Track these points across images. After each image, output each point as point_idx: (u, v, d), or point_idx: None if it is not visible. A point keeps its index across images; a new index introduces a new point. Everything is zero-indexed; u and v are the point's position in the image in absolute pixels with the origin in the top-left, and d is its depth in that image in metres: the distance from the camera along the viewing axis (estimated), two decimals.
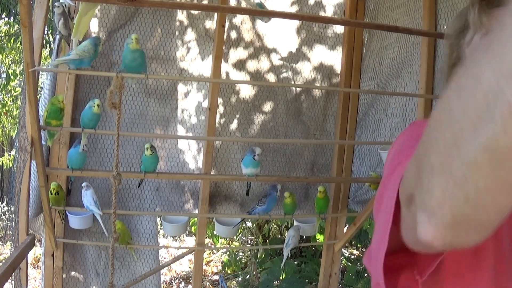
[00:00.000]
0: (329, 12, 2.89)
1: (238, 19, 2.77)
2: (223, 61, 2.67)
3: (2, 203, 6.88)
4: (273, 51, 2.85)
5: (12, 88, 6.80)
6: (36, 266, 4.96)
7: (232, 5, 2.69)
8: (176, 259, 3.05)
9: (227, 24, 2.66)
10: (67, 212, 2.46)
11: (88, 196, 2.34)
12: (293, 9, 2.83)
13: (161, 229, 3.92)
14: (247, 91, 2.83)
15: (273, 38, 2.83)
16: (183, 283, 4.94)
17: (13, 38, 6.06)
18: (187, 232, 5.03)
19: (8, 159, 6.83)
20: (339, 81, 2.92)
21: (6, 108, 6.84)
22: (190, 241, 5.73)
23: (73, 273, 2.67)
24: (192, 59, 2.73)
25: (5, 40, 6.35)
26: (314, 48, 2.91)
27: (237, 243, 5.16)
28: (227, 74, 2.79)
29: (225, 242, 4.97)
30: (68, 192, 2.51)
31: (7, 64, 6.76)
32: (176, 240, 5.83)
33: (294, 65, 2.89)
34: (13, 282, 2.42)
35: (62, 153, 2.47)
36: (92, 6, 1.99)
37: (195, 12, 2.70)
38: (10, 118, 7.10)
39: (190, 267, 5.11)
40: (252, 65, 2.83)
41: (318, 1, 2.86)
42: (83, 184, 2.36)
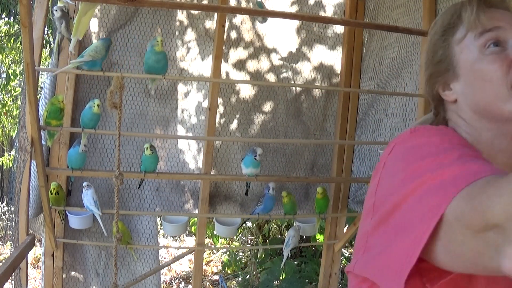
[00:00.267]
0: (329, 12, 2.89)
1: (238, 19, 2.77)
2: (223, 61, 2.67)
3: (2, 203, 6.87)
4: (273, 51, 2.86)
5: (12, 88, 6.80)
6: (36, 266, 4.96)
7: (232, 5, 2.69)
8: (176, 259, 3.05)
9: (227, 24, 2.66)
10: (67, 212, 2.46)
11: (88, 196, 2.34)
12: (293, 9, 2.83)
13: (161, 229, 3.92)
14: (247, 91, 2.83)
15: (273, 38, 2.84)
16: (183, 283, 4.94)
17: (13, 38, 6.06)
18: (187, 232, 5.03)
19: (8, 159, 6.82)
20: (339, 81, 2.92)
21: (6, 108, 6.84)
22: (190, 241, 5.73)
23: (73, 273, 2.67)
24: (192, 59, 2.73)
25: (5, 40, 6.35)
26: (314, 48, 2.91)
27: (237, 243, 5.16)
28: (227, 74, 2.79)
29: (225, 242, 4.97)
30: (68, 192, 2.51)
31: (7, 64, 6.76)
32: (176, 240, 5.83)
33: (294, 65, 2.89)
34: (13, 282, 2.42)
35: (62, 153, 2.47)
36: (91, 6, 1.99)
37: (195, 12, 2.70)
38: (10, 118, 7.10)
39: (190, 267, 5.11)
40: (252, 65, 2.83)
41: (318, 1, 2.86)
42: (84, 183, 2.37)
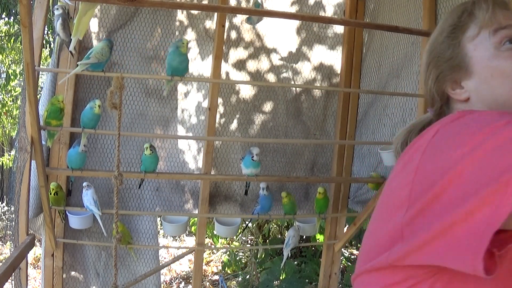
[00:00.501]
0: (329, 12, 2.89)
1: (238, 19, 2.77)
2: (223, 61, 2.67)
3: (2, 203, 6.87)
4: (273, 51, 2.86)
5: (12, 88, 6.80)
6: (36, 266, 4.96)
7: (232, 5, 2.69)
8: (176, 259, 3.05)
9: (227, 24, 2.66)
10: (67, 212, 2.46)
11: (88, 196, 2.34)
12: (293, 9, 2.83)
13: (161, 229, 3.92)
14: (247, 91, 2.83)
15: (273, 38, 2.84)
16: (183, 283, 4.94)
17: (13, 38, 6.06)
18: (187, 232, 5.03)
19: (8, 159, 6.83)
20: (339, 81, 2.92)
21: (6, 108, 6.84)
22: (190, 241, 5.73)
23: (73, 273, 2.67)
24: (192, 59, 2.73)
25: (5, 40, 6.35)
26: (314, 48, 2.91)
27: (237, 243, 5.16)
28: (227, 74, 2.79)
29: (225, 242, 4.97)
30: (68, 192, 2.51)
31: (7, 64, 6.76)
32: (176, 240, 5.83)
33: (294, 65, 2.89)
34: (13, 282, 2.42)
35: (62, 153, 2.47)
36: (91, 5, 1.99)
37: (195, 12, 2.70)
38: (10, 118, 7.10)
39: (190, 267, 5.11)
40: (252, 65, 2.83)
41: (318, 1, 2.86)
42: (84, 184, 2.37)
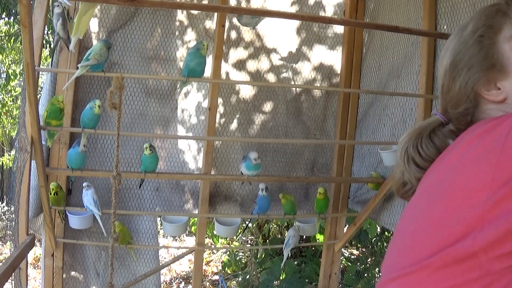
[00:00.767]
0: (329, 12, 2.89)
1: None
2: (223, 61, 2.67)
3: (2, 203, 6.87)
4: (273, 51, 2.86)
5: (12, 88, 6.80)
6: (36, 266, 4.96)
7: (232, 5, 2.69)
8: (176, 259, 3.05)
9: (227, 24, 2.66)
10: (67, 212, 2.46)
11: (88, 196, 2.34)
12: (293, 9, 2.83)
13: (161, 229, 3.92)
14: (247, 91, 2.83)
15: (273, 38, 2.83)
16: (183, 283, 4.94)
17: (13, 38, 6.06)
18: (187, 232, 5.03)
19: (8, 159, 6.82)
20: (339, 81, 2.92)
21: (6, 108, 6.84)
22: (190, 241, 5.73)
23: (73, 273, 2.67)
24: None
25: (5, 40, 6.35)
26: (314, 48, 2.91)
27: (237, 243, 5.16)
28: (227, 74, 2.79)
29: (225, 242, 4.97)
30: (69, 192, 2.51)
31: (7, 64, 6.75)
32: (176, 240, 5.83)
33: (294, 65, 2.89)
34: (13, 282, 2.42)
35: (62, 153, 2.47)
36: (91, 5, 1.99)
37: (195, 12, 2.70)
38: (10, 118, 7.10)
39: (190, 267, 5.11)
40: (252, 65, 2.83)
41: (318, 1, 2.86)
42: (84, 184, 2.37)
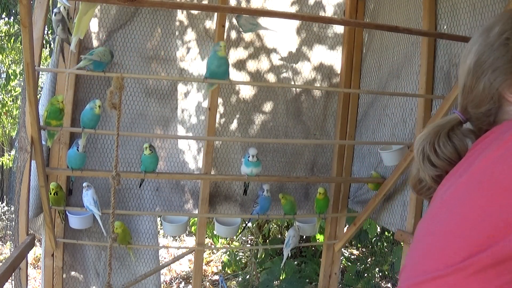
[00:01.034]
0: (329, 12, 2.89)
1: None
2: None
3: (2, 203, 6.87)
4: (273, 51, 2.86)
5: (12, 88, 6.80)
6: (36, 266, 4.96)
7: (232, 5, 2.69)
8: (176, 259, 3.05)
9: (227, 24, 2.66)
10: (67, 212, 2.46)
11: (88, 196, 2.34)
12: (293, 9, 2.83)
13: (161, 229, 3.92)
14: (247, 91, 2.83)
15: (273, 38, 2.84)
16: (183, 283, 4.94)
17: (13, 38, 6.06)
18: (187, 232, 5.03)
19: (8, 159, 6.82)
20: (339, 81, 2.92)
21: (6, 108, 6.84)
22: (190, 241, 5.73)
23: (73, 273, 2.67)
24: (192, 59, 2.74)
25: (5, 40, 6.35)
26: (314, 48, 2.91)
27: (237, 243, 5.16)
28: None
29: (225, 242, 4.97)
30: (69, 192, 2.51)
31: (7, 64, 6.75)
32: (176, 240, 5.83)
33: (294, 65, 2.89)
34: (13, 282, 2.42)
35: (62, 153, 2.47)
36: (92, 5, 2.00)
37: (195, 12, 2.70)
38: (10, 118, 7.10)
39: (190, 267, 5.11)
40: (252, 65, 2.83)
41: (318, 1, 2.86)
42: (84, 184, 2.37)
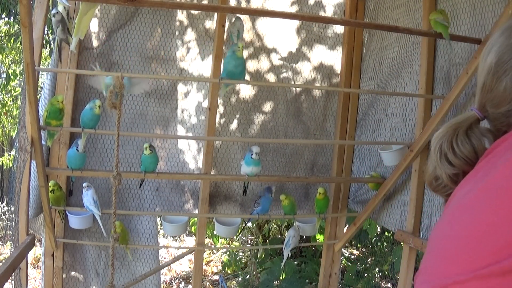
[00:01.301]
0: (329, 12, 2.89)
1: None
2: (223, 61, 2.66)
3: (2, 203, 6.87)
4: (273, 51, 2.86)
5: (12, 88, 6.80)
6: (36, 266, 4.96)
7: (232, 5, 2.69)
8: (176, 259, 3.05)
9: (227, 24, 2.66)
10: (67, 212, 2.46)
11: (88, 196, 2.34)
12: (293, 9, 2.83)
13: (161, 229, 3.92)
14: (247, 91, 2.83)
15: (273, 38, 2.83)
16: (183, 283, 4.94)
17: (13, 38, 6.06)
18: (187, 232, 5.03)
19: (8, 159, 6.82)
20: (339, 81, 2.92)
21: (6, 108, 6.84)
22: (190, 241, 5.73)
23: (73, 273, 2.67)
24: (192, 59, 2.74)
25: (5, 40, 6.35)
26: (314, 48, 2.91)
27: (237, 243, 5.16)
28: None
29: (225, 242, 4.97)
30: (70, 192, 2.51)
31: (7, 64, 6.75)
32: (176, 240, 5.83)
33: (294, 65, 2.89)
34: (13, 282, 2.42)
35: (62, 153, 2.47)
36: (92, 5, 2.00)
37: (195, 12, 2.70)
38: (10, 118, 7.10)
39: (190, 267, 5.11)
40: (252, 65, 2.83)
41: (318, 1, 2.86)
42: (84, 184, 2.37)
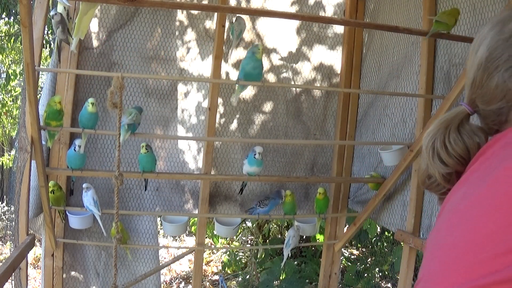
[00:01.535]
0: (329, 12, 2.89)
1: None
2: (223, 61, 2.67)
3: (2, 203, 6.87)
4: (273, 51, 2.86)
5: (12, 88, 6.80)
6: (36, 266, 4.96)
7: (232, 5, 2.69)
8: (176, 259, 3.05)
9: (227, 24, 2.66)
10: (67, 212, 2.46)
11: (88, 197, 2.34)
12: (293, 9, 2.83)
13: (161, 229, 3.92)
14: (247, 91, 2.83)
15: (273, 38, 2.83)
16: (183, 283, 4.94)
17: (13, 38, 6.06)
18: (187, 232, 5.03)
19: (8, 159, 6.82)
20: (339, 81, 2.92)
21: (6, 108, 6.84)
22: (190, 241, 5.73)
23: (73, 273, 2.67)
24: (192, 59, 2.74)
25: (5, 40, 6.35)
26: (314, 48, 2.91)
27: (237, 243, 5.16)
28: (227, 74, 2.79)
29: (225, 242, 4.97)
30: (70, 192, 2.51)
31: (7, 64, 6.75)
32: (176, 240, 5.83)
33: (294, 65, 2.89)
34: (13, 282, 2.42)
35: (62, 153, 2.47)
36: (92, 5, 2.00)
37: (195, 12, 2.70)
38: (10, 118, 7.10)
39: (190, 267, 5.11)
40: None
41: (318, 1, 2.86)
42: (84, 185, 2.37)
